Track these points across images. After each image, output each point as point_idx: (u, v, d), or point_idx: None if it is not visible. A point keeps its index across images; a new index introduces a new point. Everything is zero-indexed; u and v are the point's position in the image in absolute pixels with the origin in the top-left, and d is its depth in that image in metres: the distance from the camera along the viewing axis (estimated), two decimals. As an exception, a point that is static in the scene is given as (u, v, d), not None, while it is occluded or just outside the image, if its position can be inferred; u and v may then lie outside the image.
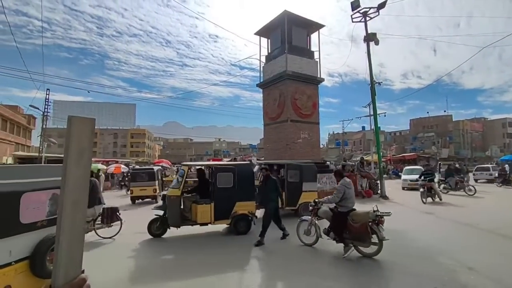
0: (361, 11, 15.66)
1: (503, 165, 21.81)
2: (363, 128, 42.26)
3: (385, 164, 30.58)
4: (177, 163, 36.73)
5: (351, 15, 15.92)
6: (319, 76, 17.08)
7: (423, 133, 63.63)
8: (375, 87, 16.21)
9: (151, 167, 18.11)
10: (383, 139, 34.60)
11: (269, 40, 18.34)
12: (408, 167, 22.46)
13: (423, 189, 12.38)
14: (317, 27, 17.96)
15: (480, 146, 62.53)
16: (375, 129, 16.98)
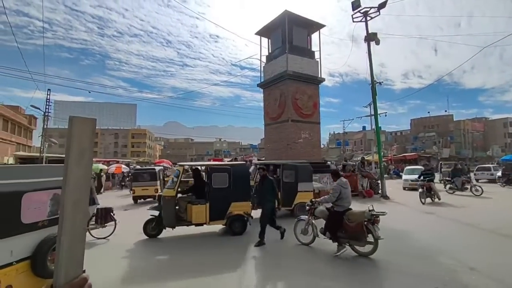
0: (361, 11, 15.67)
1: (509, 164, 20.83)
2: (364, 128, 42.17)
3: (386, 164, 30.56)
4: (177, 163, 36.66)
5: (352, 15, 15.93)
6: (319, 76, 17.09)
7: (424, 133, 63.49)
8: (375, 87, 16.21)
9: (152, 167, 18.17)
10: (384, 139, 34.57)
11: (269, 40, 18.35)
12: (409, 167, 22.39)
13: (422, 189, 12.18)
14: (317, 27, 17.98)
15: (481, 146, 62.39)
16: (376, 129, 16.95)
